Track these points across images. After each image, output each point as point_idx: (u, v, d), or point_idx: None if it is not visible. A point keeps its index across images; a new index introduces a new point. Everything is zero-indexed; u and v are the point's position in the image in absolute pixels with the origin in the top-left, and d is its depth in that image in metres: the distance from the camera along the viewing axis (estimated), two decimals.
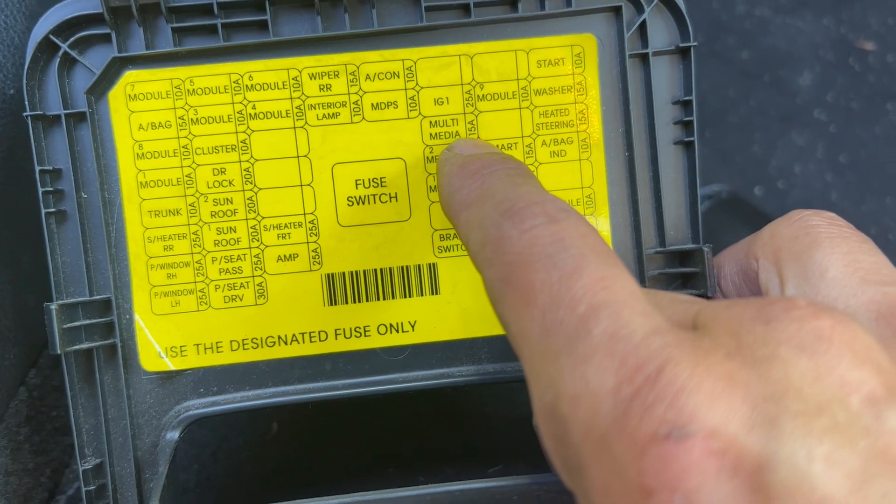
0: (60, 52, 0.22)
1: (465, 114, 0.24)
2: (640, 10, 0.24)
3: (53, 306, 0.22)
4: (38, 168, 0.22)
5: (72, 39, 0.22)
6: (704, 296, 0.23)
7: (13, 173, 0.25)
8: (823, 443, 0.12)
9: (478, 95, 0.24)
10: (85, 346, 0.23)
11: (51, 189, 0.23)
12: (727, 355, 0.13)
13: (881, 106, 0.41)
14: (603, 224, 0.24)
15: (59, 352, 0.22)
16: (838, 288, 0.17)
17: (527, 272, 0.15)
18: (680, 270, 0.24)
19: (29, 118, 0.22)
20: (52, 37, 0.22)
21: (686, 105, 0.24)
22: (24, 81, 0.22)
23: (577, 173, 0.24)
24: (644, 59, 0.24)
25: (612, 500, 0.13)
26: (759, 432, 0.12)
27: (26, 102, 0.22)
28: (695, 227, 0.24)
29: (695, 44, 0.24)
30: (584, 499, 0.14)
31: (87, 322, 0.23)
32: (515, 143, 0.24)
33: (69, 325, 0.22)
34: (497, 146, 0.24)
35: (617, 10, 0.24)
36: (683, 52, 0.24)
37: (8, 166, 0.24)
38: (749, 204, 0.36)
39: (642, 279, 0.24)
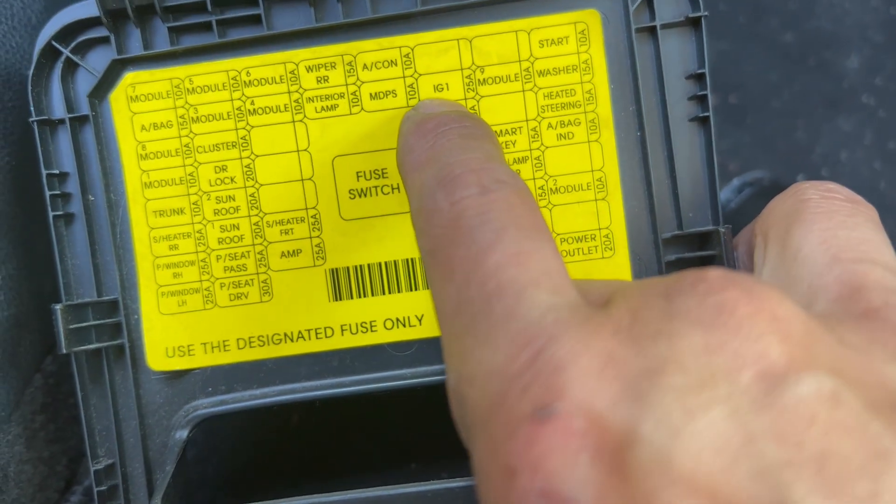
0: (63, 58, 0.23)
1: (465, 99, 0.23)
2: None
3: (59, 307, 0.22)
4: (44, 172, 0.23)
5: (73, 44, 0.23)
6: None
7: (24, 160, 0.25)
8: (695, 418, 0.11)
9: (479, 80, 0.23)
10: (94, 346, 0.23)
11: (58, 192, 0.23)
12: (614, 332, 0.12)
13: None
14: (616, 207, 0.23)
15: (64, 352, 0.22)
16: (808, 267, 0.16)
17: (449, 247, 0.15)
18: (698, 254, 0.22)
19: (35, 123, 0.23)
20: (54, 43, 0.23)
21: (700, 79, 0.23)
22: (29, 88, 0.23)
23: (586, 156, 0.23)
24: (652, 32, 0.23)
25: (485, 481, 0.12)
26: (624, 409, 0.11)
27: (31, 108, 0.23)
28: (714, 208, 0.23)
29: (705, 13, 0.22)
30: (476, 480, 0.13)
31: (97, 322, 0.23)
32: (520, 128, 0.23)
33: (77, 325, 0.23)
34: (500, 131, 0.23)
35: None
36: (695, 23, 0.23)
37: (20, 152, 0.25)
38: None
39: (659, 265, 0.23)
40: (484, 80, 0.23)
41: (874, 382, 0.12)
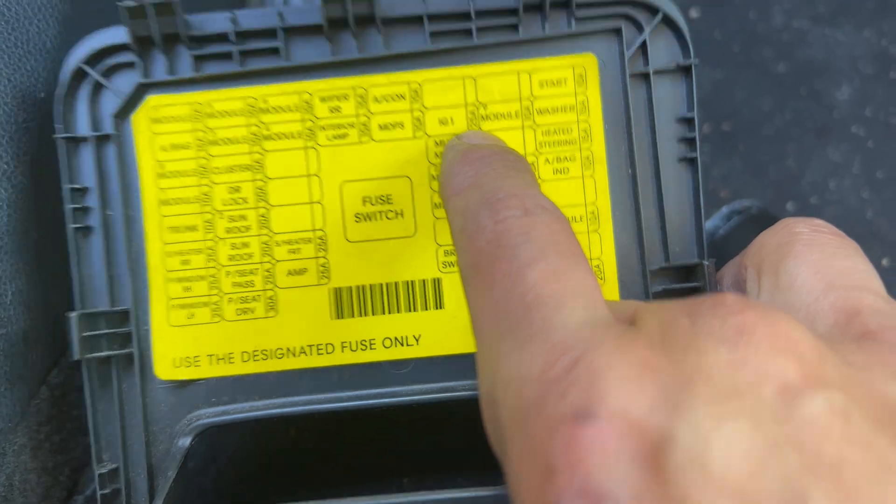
0: (91, 80, 0.24)
1: None
2: (640, 29, 0.24)
3: (73, 315, 0.23)
4: (66, 186, 0.24)
5: (101, 67, 0.24)
6: None
7: (36, 179, 0.26)
8: (725, 425, 0.12)
9: (481, 115, 0.24)
10: (105, 353, 0.24)
11: (79, 206, 0.24)
12: (648, 344, 0.13)
13: None
14: (607, 239, 0.24)
15: (77, 358, 0.23)
16: (804, 295, 0.17)
17: (491, 261, 0.16)
18: (684, 286, 0.24)
19: (62, 140, 0.24)
20: (83, 66, 0.24)
21: (689, 122, 0.24)
22: (58, 106, 0.24)
23: (580, 190, 0.24)
24: (646, 77, 0.24)
25: (522, 479, 0.13)
26: (662, 414, 0.12)
27: (57, 125, 0.24)
28: (699, 243, 0.24)
29: (695, 62, 0.24)
30: (509, 481, 0.14)
31: (108, 331, 0.24)
32: None
33: (90, 333, 0.24)
34: None
35: (617, 32, 0.24)
36: (685, 70, 0.24)
37: (33, 171, 0.26)
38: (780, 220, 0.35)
39: (646, 295, 0.24)
40: (486, 115, 0.24)
41: (878, 399, 0.13)
